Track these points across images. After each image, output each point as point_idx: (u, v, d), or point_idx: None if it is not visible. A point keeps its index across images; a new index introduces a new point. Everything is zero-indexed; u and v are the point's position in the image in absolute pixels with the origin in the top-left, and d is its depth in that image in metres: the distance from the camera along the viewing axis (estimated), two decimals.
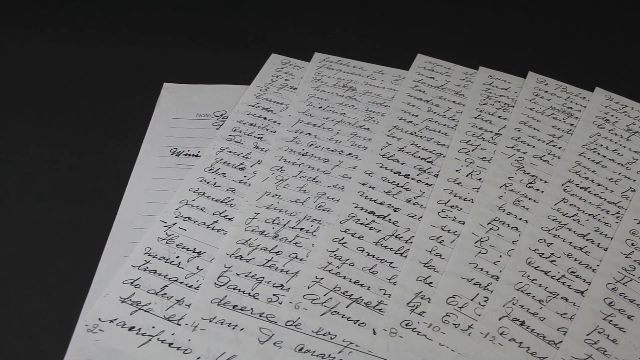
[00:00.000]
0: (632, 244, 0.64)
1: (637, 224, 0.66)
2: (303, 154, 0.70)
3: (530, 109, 0.77)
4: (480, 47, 0.87)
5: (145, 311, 0.56)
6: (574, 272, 0.62)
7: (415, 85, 0.79)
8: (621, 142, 0.74)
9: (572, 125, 0.76)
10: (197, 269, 0.59)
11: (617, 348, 0.57)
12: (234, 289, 0.58)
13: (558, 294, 0.60)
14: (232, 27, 0.88)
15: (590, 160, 0.72)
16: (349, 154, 0.71)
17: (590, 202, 0.68)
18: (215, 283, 0.58)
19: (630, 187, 0.70)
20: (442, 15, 0.93)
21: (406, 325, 0.57)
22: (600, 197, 0.68)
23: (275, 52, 0.83)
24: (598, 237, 0.65)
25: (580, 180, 0.70)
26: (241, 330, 0.55)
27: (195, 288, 0.58)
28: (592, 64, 0.86)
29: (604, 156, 0.73)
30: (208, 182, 0.66)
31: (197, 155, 0.69)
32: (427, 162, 0.70)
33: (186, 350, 0.54)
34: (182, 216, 0.63)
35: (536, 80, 0.81)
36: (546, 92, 0.80)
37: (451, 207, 0.66)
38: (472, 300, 0.59)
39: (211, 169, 0.68)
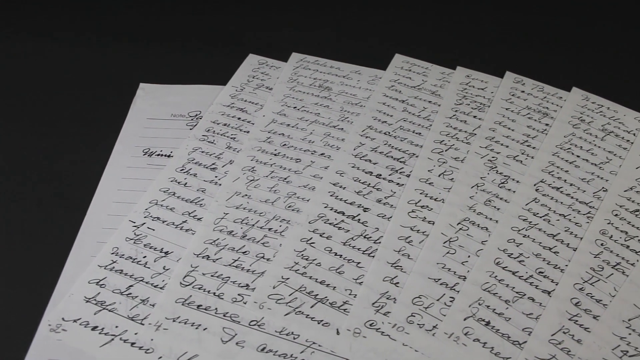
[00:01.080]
0: (602, 244, 0.64)
1: (608, 224, 0.66)
2: (275, 154, 0.70)
3: (506, 109, 0.77)
4: (463, 48, 0.87)
5: (109, 311, 0.56)
6: (542, 273, 0.62)
7: (392, 85, 0.79)
8: (596, 142, 0.74)
9: (547, 125, 0.76)
10: (164, 268, 0.60)
11: (581, 348, 0.57)
12: (199, 288, 0.58)
13: (525, 294, 0.60)
14: (212, 27, 0.88)
15: (564, 160, 0.72)
16: (322, 154, 0.71)
17: (561, 202, 0.68)
18: (180, 283, 0.59)
19: (603, 187, 0.69)
20: (423, 15, 0.93)
21: (370, 325, 0.57)
22: (572, 197, 0.68)
23: (255, 53, 0.83)
24: (568, 237, 0.65)
25: (553, 180, 0.70)
26: (204, 330, 0.56)
27: (161, 288, 0.58)
28: (574, 64, 0.86)
29: (578, 156, 0.72)
30: (179, 182, 0.67)
31: (169, 156, 0.69)
32: (400, 162, 0.70)
33: (148, 349, 0.54)
34: (151, 216, 0.63)
35: (513, 80, 0.81)
36: (523, 92, 0.80)
37: (422, 207, 0.66)
38: (438, 300, 0.59)
39: (183, 169, 0.68)
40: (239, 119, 0.74)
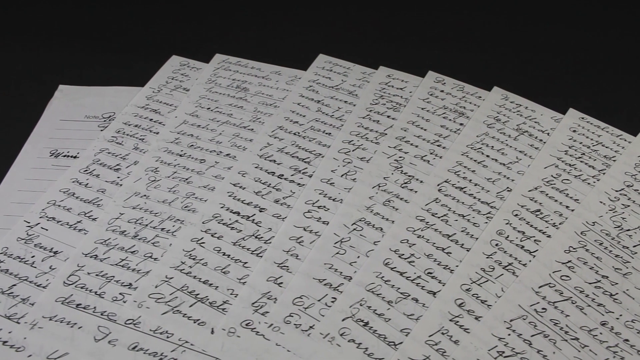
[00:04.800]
0: (497, 245, 0.64)
1: (506, 224, 0.65)
2: (181, 155, 0.71)
3: (422, 109, 0.77)
4: (401, 49, 0.87)
5: None
6: (431, 273, 0.62)
7: (310, 85, 0.79)
8: (508, 142, 0.73)
9: (461, 124, 0.75)
10: (50, 268, 0.60)
11: (457, 349, 0.56)
12: (81, 287, 0.59)
13: (409, 295, 0.60)
14: (138, 29, 0.89)
15: (473, 160, 0.71)
16: (227, 154, 0.71)
17: (462, 202, 0.67)
18: (64, 282, 0.59)
19: (507, 187, 0.69)
20: (354, 15, 0.93)
21: (246, 325, 0.57)
22: (474, 197, 0.68)
23: (185, 54, 0.83)
24: (463, 238, 0.64)
25: (458, 180, 0.69)
26: (79, 328, 0.56)
27: (44, 287, 0.59)
28: (510, 65, 0.85)
29: (488, 156, 0.72)
30: (80, 183, 0.68)
31: (75, 157, 0.70)
32: (305, 162, 0.71)
33: (19, 348, 0.55)
34: (47, 216, 0.64)
35: (434, 79, 0.81)
36: (442, 91, 0.79)
37: (318, 207, 0.66)
38: (319, 301, 0.59)
39: (86, 170, 0.69)
40: (150, 120, 0.75)
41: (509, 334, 0.57)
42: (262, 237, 0.64)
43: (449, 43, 0.89)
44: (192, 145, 0.72)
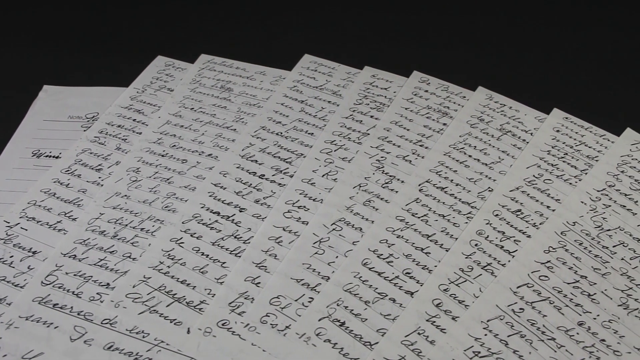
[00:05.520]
0: (476, 245, 0.63)
1: (486, 224, 0.65)
2: (163, 155, 0.71)
3: (406, 109, 0.77)
4: (389, 49, 0.87)
5: None
6: (409, 273, 0.61)
7: (294, 85, 0.79)
8: (491, 142, 0.73)
9: (445, 124, 0.75)
10: (29, 268, 0.60)
11: (433, 349, 0.56)
12: (59, 287, 0.59)
13: (387, 295, 0.60)
14: (126, 29, 0.89)
15: (455, 160, 0.71)
16: (209, 154, 0.71)
17: (443, 202, 0.67)
18: (42, 282, 0.59)
19: (489, 187, 0.69)
20: (343, 15, 0.93)
21: (222, 325, 0.57)
22: (455, 197, 0.68)
23: (170, 55, 0.83)
24: (443, 238, 0.64)
25: (439, 180, 0.69)
26: (55, 328, 0.56)
27: (22, 287, 0.59)
28: (497, 65, 0.85)
29: (470, 156, 0.72)
30: (61, 183, 0.68)
31: (58, 157, 0.70)
32: (286, 162, 0.71)
33: None
34: (27, 216, 0.64)
35: (419, 79, 0.81)
36: (426, 91, 0.79)
37: (299, 207, 0.66)
38: (296, 300, 0.59)
39: (68, 170, 0.69)
40: (134, 120, 0.75)
41: (486, 334, 0.57)
42: (241, 237, 0.64)
43: (436, 43, 0.89)
44: (174, 146, 0.72)
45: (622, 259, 0.63)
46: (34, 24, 0.89)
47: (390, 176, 0.69)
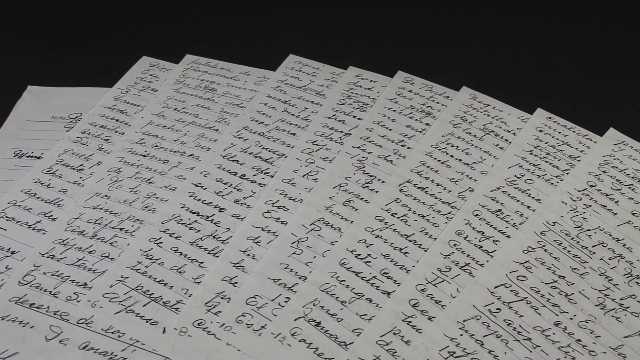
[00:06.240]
0: (455, 245, 0.63)
1: (466, 224, 0.65)
2: (144, 156, 0.71)
3: (389, 109, 0.77)
4: (374, 49, 0.87)
5: None
6: (387, 274, 0.61)
7: (278, 85, 0.80)
8: (473, 142, 0.73)
9: (427, 124, 0.75)
10: (6, 268, 0.61)
11: (408, 349, 0.56)
12: (36, 287, 0.59)
13: (363, 295, 0.60)
14: (111, 30, 0.89)
15: (436, 160, 0.71)
16: (191, 155, 0.71)
17: (423, 203, 0.67)
18: (19, 282, 0.60)
19: (470, 187, 0.69)
20: (329, 15, 0.93)
21: (198, 324, 0.57)
22: (435, 197, 0.68)
23: (155, 55, 0.83)
24: (422, 238, 0.64)
25: (420, 180, 0.69)
26: (31, 328, 0.57)
27: None
28: (487, 65, 0.85)
29: (452, 156, 0.72)
30: (42, 184, 0.68)
31: (40, 157, 0.71)
32: (268, 162, 0.71)
33: None
34: (6, 217, 0.65)
35: (403, 79, 0.80)
36: (410, 91, 0.79)
37: (278, 207, 0.66)
38: (272, 300, 0.59)
39: (49, 171, 0.69)
40: (117, 120, 0.75)
41: (461, 334, 0.57)
42: (220, 237, 0.64)
43: (423, 43, 0.89)
44: (156, 146, 0.72)
45: (601, 259, 0.62)
46: (18, 25, 0.90)
47: (371, 176, 0.69)
